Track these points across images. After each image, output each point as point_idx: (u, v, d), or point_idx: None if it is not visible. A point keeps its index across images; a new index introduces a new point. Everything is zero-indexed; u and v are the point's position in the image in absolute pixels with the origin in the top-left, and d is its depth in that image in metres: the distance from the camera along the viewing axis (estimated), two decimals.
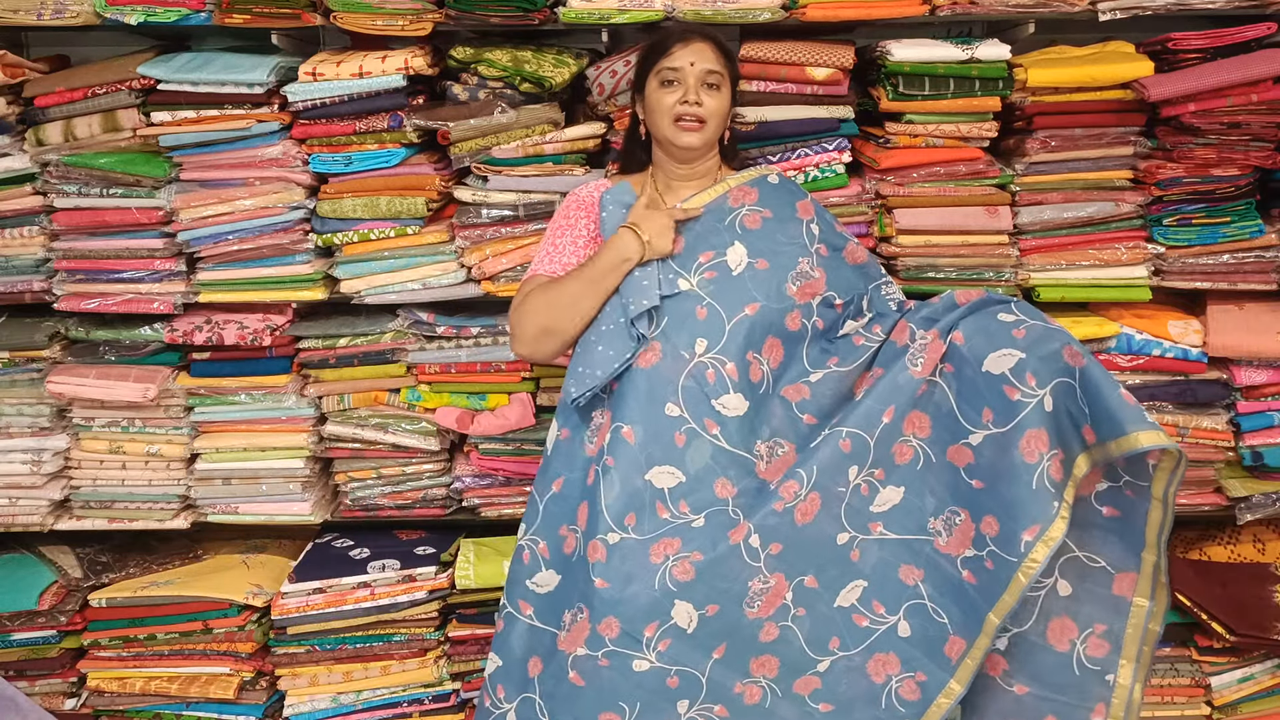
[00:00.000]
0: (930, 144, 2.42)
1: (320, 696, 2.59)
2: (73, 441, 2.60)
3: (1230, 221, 2.43)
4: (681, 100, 2.01)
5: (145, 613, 2.57)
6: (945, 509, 1.86)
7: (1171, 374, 2.50)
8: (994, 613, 1.76)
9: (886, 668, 1.86)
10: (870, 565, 1.88)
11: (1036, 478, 1.74)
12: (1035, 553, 1.72)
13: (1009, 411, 1.79)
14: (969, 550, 1.82)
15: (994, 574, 1.77)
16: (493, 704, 1.99)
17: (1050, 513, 1.73)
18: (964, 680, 1.80)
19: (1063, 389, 1.77)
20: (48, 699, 2.61)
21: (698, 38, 2.04)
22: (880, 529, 1.89)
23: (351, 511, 2.66)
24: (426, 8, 2.36)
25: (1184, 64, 2.38)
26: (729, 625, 1.86)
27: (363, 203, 2.44)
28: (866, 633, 1.87)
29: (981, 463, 1.83)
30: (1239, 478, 2.57)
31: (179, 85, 2.39)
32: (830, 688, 1.88)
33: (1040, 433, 1.76)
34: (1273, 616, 2.50)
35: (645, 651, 1.84)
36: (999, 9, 2.35)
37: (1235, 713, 2.61)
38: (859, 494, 1.90)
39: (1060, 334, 1.82)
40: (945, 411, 1.88)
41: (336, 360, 2.57)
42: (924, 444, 1.89)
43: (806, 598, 1.88)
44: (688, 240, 2.01)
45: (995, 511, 1.79)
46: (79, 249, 2.49)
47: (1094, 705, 1.82)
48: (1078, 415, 1.75)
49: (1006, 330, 1.85)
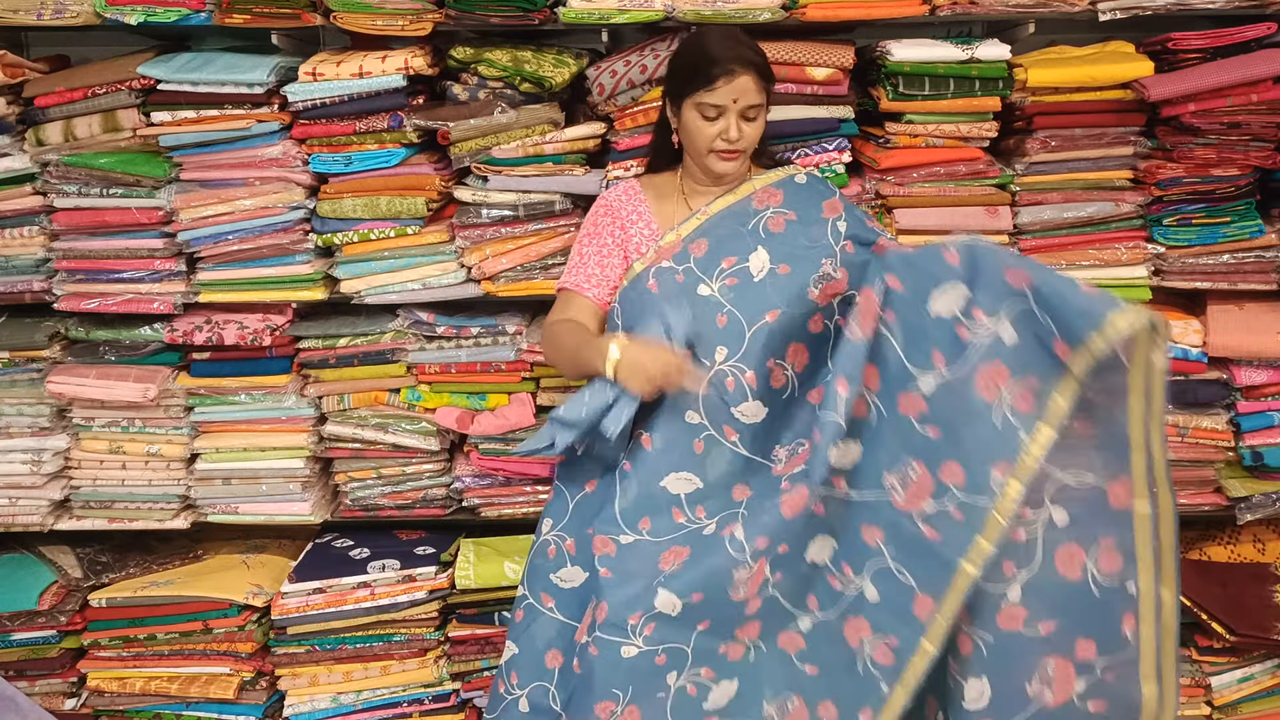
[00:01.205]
0: (930, 144, 2.42)
1: (320, 696, 2.59)
2: (73, 441, 2.60)
3: (1230, 221, 2.43)
4: (722, 135, 1.98)
5: (145, 613, 2.57)
6: (899, 463, 1.79)
7: (1171, 374, 2.49)
8: (968, 560, 1.68)
9: (860, 632, 1.83)
10: (838, 523, 1.86)
11: (1000, 415, 1.67)
12: (1009, 489, 1.65)
13: (961, 352, 1.72)
14: (928, 504, 1.74)
15: (963, 523, 1.70)
16: (506, 690, 2.00)
17: (1017, 446, 1.64)
18: (937, 639, 1.73)
19: (1020, 315, 1.67)
20: (48, 699, 2.61)
21: (741, 71, 1.95)
22: (844, 486, 1.86)
23: (351, 511, 2.66)
24: (426, 8, 2.36)
25: (1184, 64, 2.38)
26: (714, 607, 1.87)
27: (363, 203, 2.44)
28: (839, 596, 1.86)
29: (936, 410, 1.76)
30: (1239, 478, 2.57)
31: (179, 85, 2.39)
32: (814, 650, 1.88)
33: (997, 366, 1.67)
34: (1273, 616, 2.50)
35: (632, 638, 1.85)
36: (999, 9, 2.35)
37: (1235, 713, 2.61)
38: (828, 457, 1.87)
39: (995, 253, 1.73)
40: (893, 362, 1.83)
41: (336, 360, 2.57)
42: (875, 398, 1.85)
43: (781, 562, 1.88)
44: (710, 244, 2.01)
45: (957, 457, 1.72)
46: (79, 249, 2.49)
47: (1122, 615, 1.72)
48: (1044, 334, 1.64)
49: (938, 257, 1.77)
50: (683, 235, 2.04)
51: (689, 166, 2.12)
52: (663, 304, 1.94)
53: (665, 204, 2.11)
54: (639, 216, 2.11)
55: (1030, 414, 1.66)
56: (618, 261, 2.07)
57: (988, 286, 1.71)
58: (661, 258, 2.02)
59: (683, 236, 2.04)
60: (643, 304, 1.99)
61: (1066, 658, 1.73)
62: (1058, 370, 1.65)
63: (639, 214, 2.11)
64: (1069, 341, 1.61)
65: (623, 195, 2.14)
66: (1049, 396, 1.65)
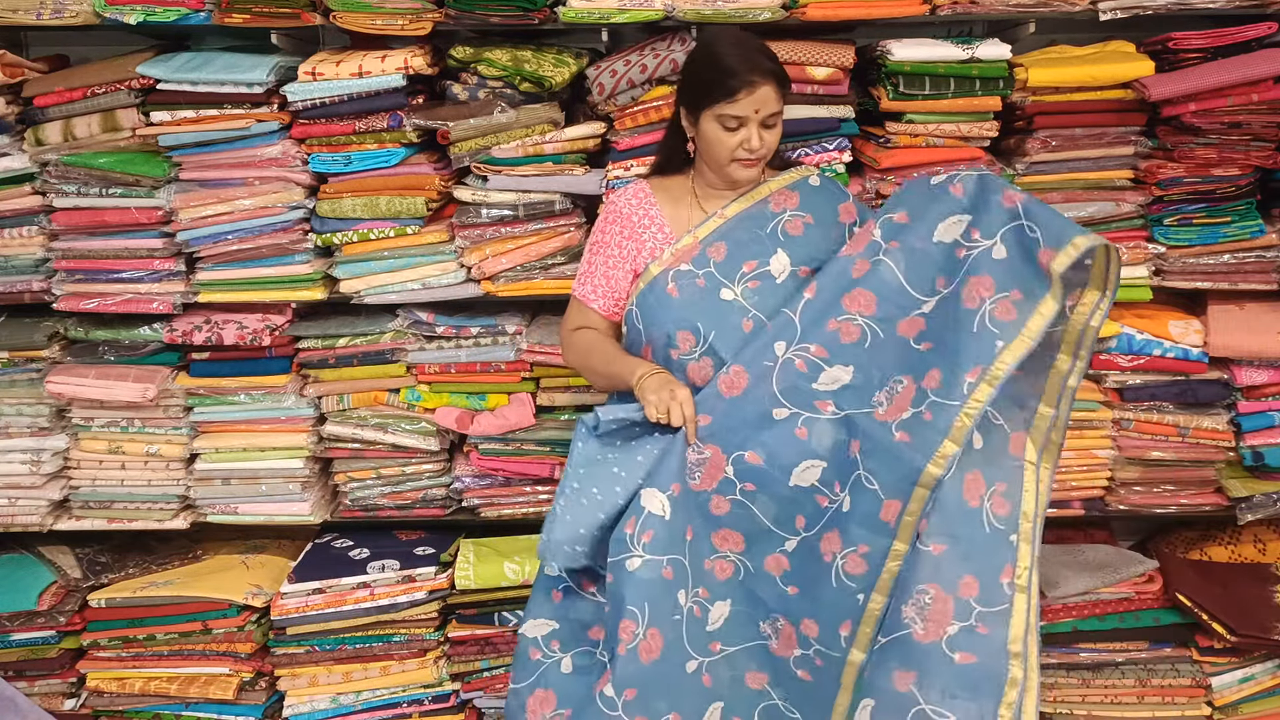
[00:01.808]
0: (931, 144, 2.42)
1: (320, 697, 2.59)
2: (72, 441, 2.60)
3: (1231, 221, 2.43)
4: (744, 144, 1.98)
5: (145, 613, 2.57)
6: (889, 380, 1.83)
7: (1172, 374, 2.50)
8: (933, 463, 1.74)
9: (832, 545, 1.84)
10: (825, 446, 1.86)
11: (978, 320, 1.74)
12: (978, 392, 1.71)
13: (956, 268, 1.80)
14: (906, 411, 1.79)
15: (932, 424, 1.75)
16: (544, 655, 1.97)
17: (992, 352, 1.71)
18: (908, 539, 1.77)
19: (1011, 230, 1.76)
20: (47, 699, 2.61)
21: (762, 82, 1.93)
22: (831, 408, 1.86)
23: (351, 512, 2.66)
24: (426, 7, 2.36)
25: (1184, 64, 2.37)
26: (687, 502, 1.89)
27: (362, 202, 2.44)
28: (824, 512, 1.86)
29: (932, 325, 1.82)
30: (1240, 478, 2.57)
31: (178, 85, 2.39)
32: (796, 569, 1.88)
33: (984, 279, 1.75)
34: (1273, 616, 2.50)
35: (634, 548, 1.85)
36: (999, 9, 2.35)
37: (1236, 713, 2.61)
38: (793, 369, 1.88)
39: (994, 182, 1.82)
40: (894, 288, 1.86)
41: (336, 360, 2.56)
42: (870, 321, 1.87)
43: (752, 473, 1.88)
44: (730, 249, 2.01)
45: (939, 364, 1.77)
46: (78, 249, 2.49)
47: (1003, 566, 1.78)
48: (1031, 245, 1.73)
49: (945, 190, 1.85)
50: (700, 238, 2.03)
51: (701, 170, 2.11)
52: (693, 312, 1.96)
53: (678, 208, 2.10)
54: (650, 221, 2.09)
55: (1009, 323, 1.72)
56: (624, 273, 2.08)
57: (986, 211, 1.80)
58: (679, 261, 2.02)
59: (700, 239, 2.03)
60: (664, 309, 1.99)
61: (948, 591, 1.76)
62: (1042, 286, 1.72)
63: (650, 218, 2.09)
64: (1054, 245, 1.69)
65: (633, 199, 2.12)
66: (1029, 314, 1.72)
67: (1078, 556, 2.66)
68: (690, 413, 1.90)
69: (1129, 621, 2.60)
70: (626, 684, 1.83)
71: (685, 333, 1.97)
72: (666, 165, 2.18)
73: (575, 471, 1.93)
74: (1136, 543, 2.87)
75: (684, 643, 1.88)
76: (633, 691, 1.83)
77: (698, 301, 1.97)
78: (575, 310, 2.15)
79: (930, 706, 1.74)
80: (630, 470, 1.92)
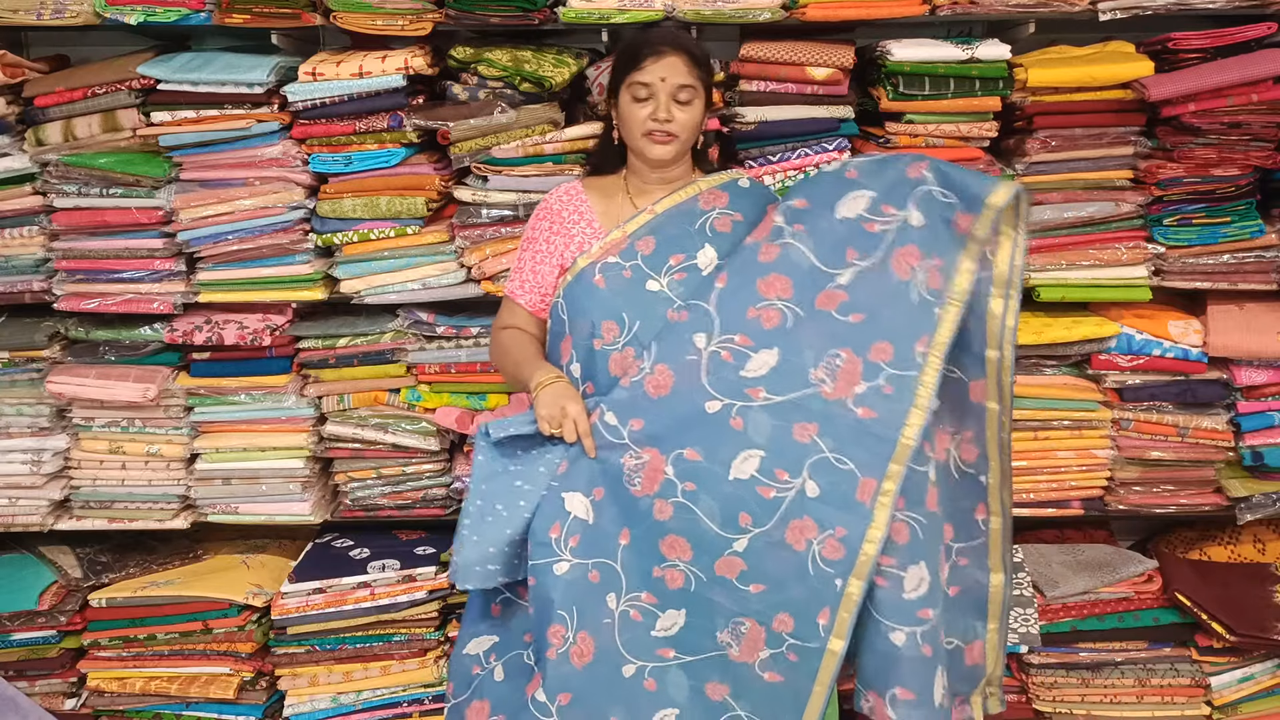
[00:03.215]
0: (930, 144, 2.42)
1: (320, 696, 2.59)
2: (72, 441, 2.60)
3: (1230, 221, 2.43)
4: (652, 116, 2.01)
5: (145, 613, 2.57)
6: (824, 355, 1.84)
7: (1171, 374, 2.50)
8: (905, 434, 1.78)
9: (805, 533, 1.81)
10: (763, 434, 1.84)
11: (914, 291, 1.81)
12: (930, 361, 1.78)
13: (874, 243, 1.85)
14: (860, 386, 1.81)
15: (894, 397, 1.79)
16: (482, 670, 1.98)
17: (933, 320, 1.79)
18: (883, 521, 1.78)
19: (923, 197, 1.82)
20: (48, 699, 2.61)
21: (669, 50, 2.00)
22: (763, 394, 1.85)
23: (351, 511, 2.66)
24: (426, 8, 2.36)
25: (1184, 64, 2.38)
26: (622, 506, 1.88)
27: (362, 203, 2.44)
28: (776, 503, 1.82)
29: (857, 297, 1.84)
30: (1239, 478, 2.57)
31: (179, 85, 2.39)
32: (756, 567, 1.84)
33: (909, 249, 1.82)
34: (1273, 616, 2.50)
35: (560, 552, 1.86)
36: (999, 9, 2.35)
37: (1235, 713, 2.61)
38: (720, 361, 1.87)
39: (893, 159, 1.88)
40: (805, 268, 1.89)
41: (336, 360, 2.56)
42: (789, 304, 1.88)
43: (692, 472, 1.85)
44: (658, 242, 2.02)
45: (885, 336, 1.81)
46: (79, 249, 2.49)
47: (976, 505, 1.96)
48: (945, 209, 1.81)
49: (839, 176, 1.93)
50: (629, 232, 2.05)
51: (634, 166, 2.13)
52: (619, 302, 1.97)
53: (610, 203, 2.12)
54: (580, 216, 2.11)
55: (939, 290, 1.81)
56: (551, 268, 2.09)
57: (891, 185, 1.87)
58: (607, 253, 2.03)
59: (629, 233, 2.04)
60: (590, 299, 2.00)
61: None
62: (959, 247, 1.82)
63: (580, 214, 2.11)
64: (971, 208, 1.80)
65: (564, 196, 2.14)
66: (954, 275, 1.81)
67: (1077, 556, 2.67)
68: (585, 427, 1.90)
69: (1128, 621, 2.60)
70: (560, 688, 1.83)
71: (610, 323, 1.97)
72: (602, 164, 2.21)
73: (477, 488, 1.92)
74: (1136, 543, 2.88)
75: (618, 647, 1.86)
76: (567, 696, 1.83)
77: (624, 292, 1.98)
78: (505, 307, 2.18)
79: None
80: (533, 482, 1.92)
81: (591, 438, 1.91)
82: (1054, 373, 2.53)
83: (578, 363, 2.01)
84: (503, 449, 1.96)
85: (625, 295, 1.98)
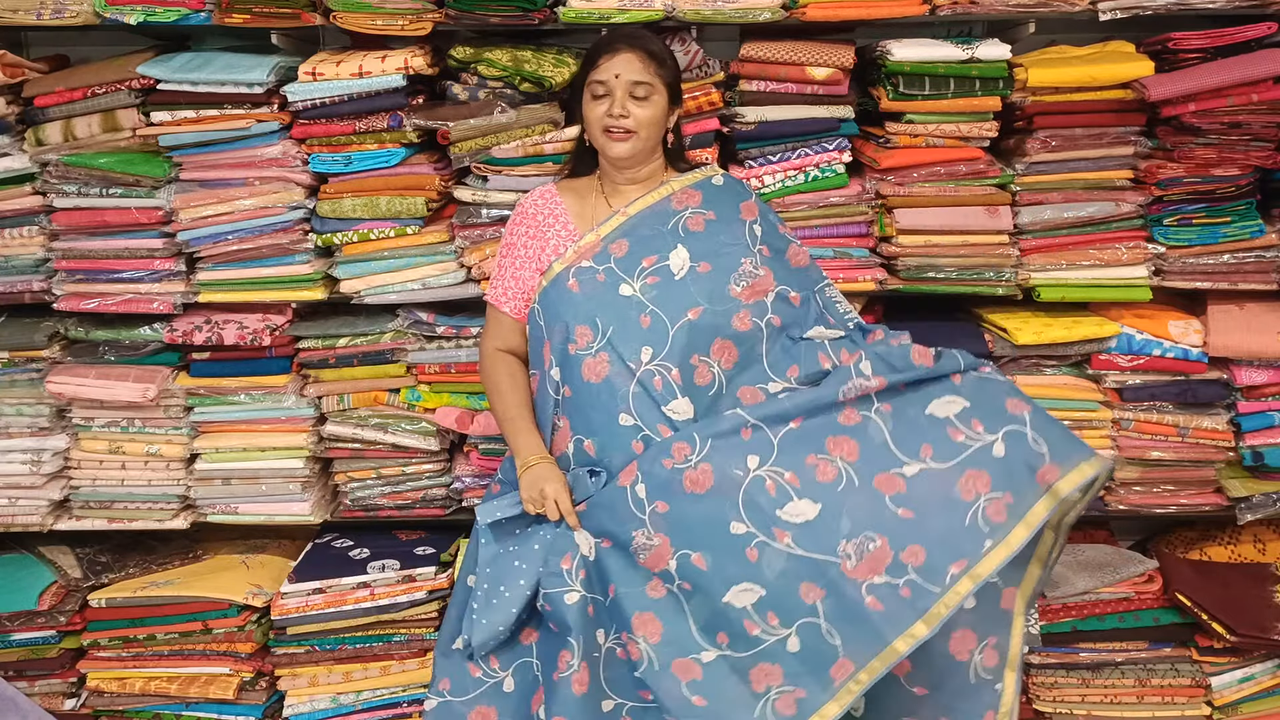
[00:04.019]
0: (930, 144, 2.42)
1: (320, 697, 2.59)
2: (72, 441, 2.60)
3: (1230, 221, 2.43)
4: (608, 112, 2.02)
5: (145, 613, 2.57)
6: (861, 533, 1.80)
7: (1172, 374, 2.50)
8: (900, 640, 1.74)
9: (769, 678, 1.81)
10: (772, 575, 1.83)
11: (970, 515, 1.76)
12: (960, 585, 1.73)
13: (951, 451, 1.81)
14: (880, 577, 1.78)
15: (909, 602, 1.75)
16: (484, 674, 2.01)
17: (980, 550, 1.74)
18: (843, 703, 1.77)
19: (1014, 436, 1.79)
20: (47, 699, 2.61)
21: (625, 47, 2.02)
22: (789, 540, 1.83)
23: (351, 511, 2.66)
24: (426, 7, 2.36)
25: (1184, 64, 2.38)
26: (620, 562, 1.89)
27: (362, 203, 2.44)
28: (755, 641, 1.82)
29: (914, 493, 1.81)
30: (1239, 478, 2.57)
31: (179, 85, 2.39)
32: (711, 683, 1.83)
33: (982, 474, 1.78)
34: (1273, 616, 2.50)
35: (571, 582, 1.91)
36: (999, 9, 2.35)
37: (1236, 713, 2.61)
38: (762, 489, 1.85)
39: (997, 383, 1.88)
40: (878, 444, 1.86)
41: (336, 360, 2.56)
42: (849, 466, 1.86)
43: (692, 575, 1.85)
44: (631, 244, 2.02)
45: (923, 542, 1.77)
46: (79, 249, 2.49)
47: (984, 713, 1.89)
48: (1034, 459, 1.77)
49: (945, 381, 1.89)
50: (602, 235, 2.05)
51: (604, 167, 2.14)
52: (593, 307, 1.98)
53: (584, 206, 2.13)
54: (555, 219, 2.11)
55: (999, 525, 1.76)
56: (531, 273, 2.10)
57: (987, 407, 1.84)
58: (581, 257, 2.04)
59: (602, 236, 2.05)
60: (564, 304, 2.01)
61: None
62: (1034, 494, 1.77)
63: (555, 217, 2.12)
64: (1061, 463, 1.75)
65: (538, 200, 2.15)
66: (1019, 519, 1.76)
67: (1078, 556, 2.66)
68: (566, 505, 1.94)
69: (1129, 621, 2.60)
70: (559, 712, 1.87)
71: (584, 327, 1.98)
72: (576, 168, 2.22)
73: (483, 573, 1.98)
74: (1136, 543, 2.87)
75: (600, 681, 1.89)
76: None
77: (597, 296, 1.99)
78: (491, 317, 2.18)
79: None
80: (529, 560, 1.96)
81: (574, 515, 1.95)
82: (1054, 373, 2.53)
83: (557, 367, 2.02)
84: (499, 531, 2.01)
85: (598, 300, 1.99)
